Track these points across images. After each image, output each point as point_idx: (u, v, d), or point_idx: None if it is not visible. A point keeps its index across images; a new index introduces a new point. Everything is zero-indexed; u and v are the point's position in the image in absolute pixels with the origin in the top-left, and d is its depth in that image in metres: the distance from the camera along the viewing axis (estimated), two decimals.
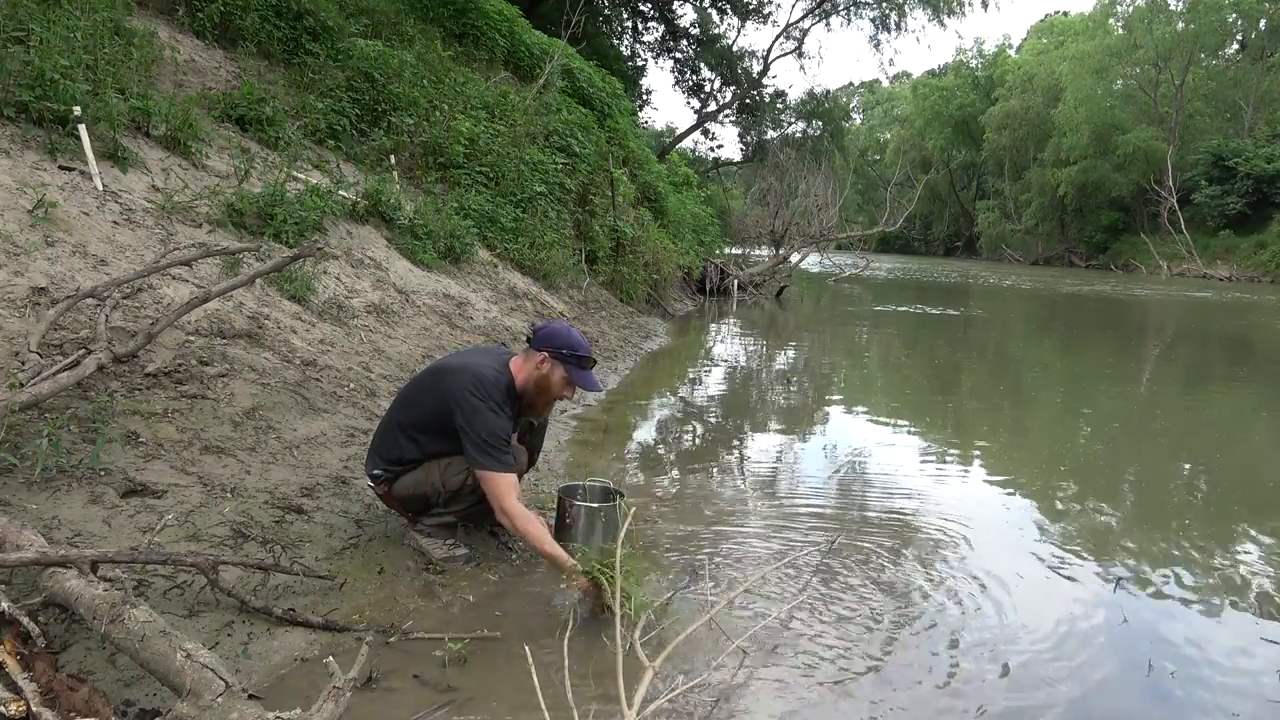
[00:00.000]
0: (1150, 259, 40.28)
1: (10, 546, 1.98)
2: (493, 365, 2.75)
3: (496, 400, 2.65)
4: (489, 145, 8.54)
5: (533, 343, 2.78)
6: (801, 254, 18.63)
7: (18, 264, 3.42)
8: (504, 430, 2.65)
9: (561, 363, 2.74)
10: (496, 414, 2.63)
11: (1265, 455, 5.59)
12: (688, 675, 2.20)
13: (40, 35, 4.57)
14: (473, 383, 2.63)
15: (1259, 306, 20.24)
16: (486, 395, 2.63)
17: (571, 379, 2.76)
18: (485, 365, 2.73)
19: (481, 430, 2.59)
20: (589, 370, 2.81)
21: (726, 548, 3.22)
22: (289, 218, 5.09)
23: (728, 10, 26.36)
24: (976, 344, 11.66)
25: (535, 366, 2.75)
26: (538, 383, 2.77)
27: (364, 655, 1.97)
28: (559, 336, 2.76)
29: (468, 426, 2.59)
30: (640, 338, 8.81)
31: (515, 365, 2.79)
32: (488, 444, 2.59)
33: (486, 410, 2.61)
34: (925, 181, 45.91)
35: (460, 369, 2.71)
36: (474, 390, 2.62)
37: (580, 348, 2.77)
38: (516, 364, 2.80)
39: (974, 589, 2.95)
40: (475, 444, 2.59)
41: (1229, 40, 46.27)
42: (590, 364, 2.81)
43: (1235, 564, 3.40)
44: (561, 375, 2.75)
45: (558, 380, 2.76)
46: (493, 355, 2.87)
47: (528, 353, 2.79)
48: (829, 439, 5.30)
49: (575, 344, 2.76)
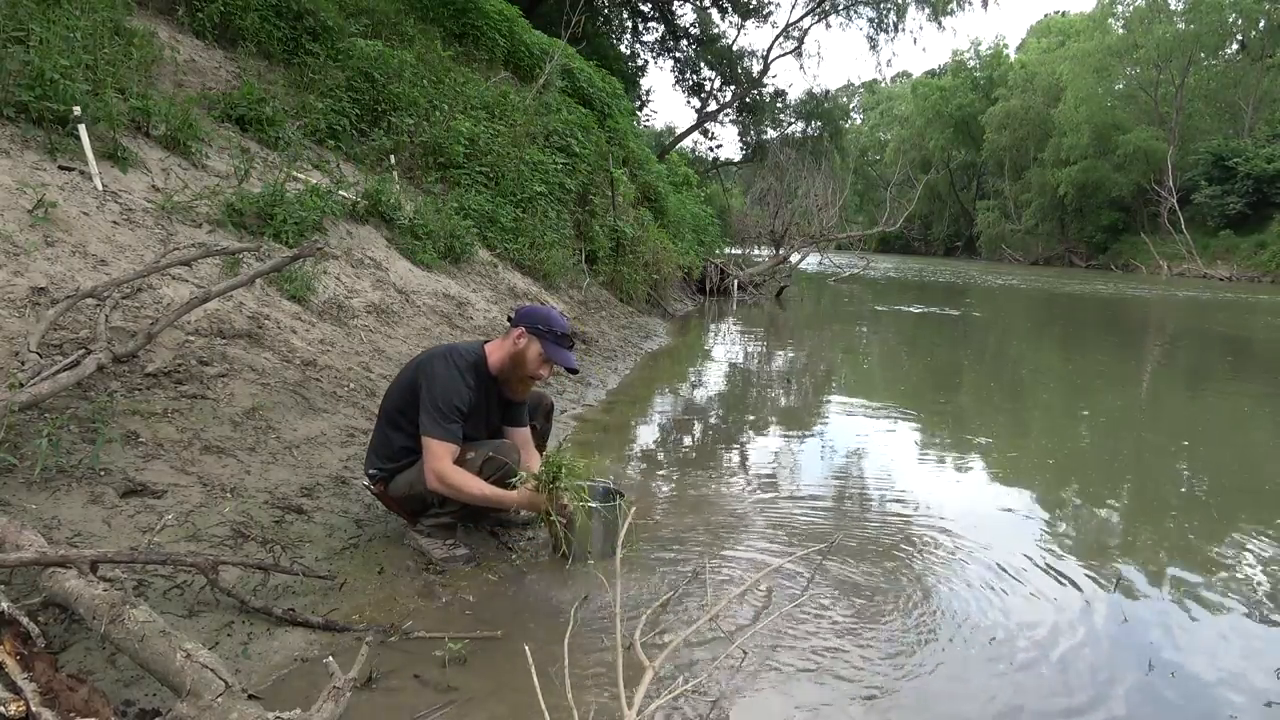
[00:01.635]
0: (1150, 259, 40.29)
1: (10, 546, 1.98)
2: (470, 343, 2.83)
3: (460, 368, 2.69)
4: (489, 145, 8.54)
5: (512, 321, 2.81)
6: (801, 254, 18.64)
7: (18, 264, 3.42)
8: (460, 398, 2.66)
9: (538, 337, 2.75)
10: (459, 380, 2.66)
11: (1265, 455, 5.59)
12: (688, 675, 2.20)
13: (40, 35, 4.57)
14: (442, 352, 2.74)
15: (1259, 306, 20.24)
16: (450, 362, 2.69)
17: (547, 354, 2.76)
18: (461, 342, 2.83)
19: (437, 396, 2.63)
20: (567, 349, 2.80)
21: (727, 547, 3.21)
22: (289, 218, 5.09)
23: (728, 10, 26.35)
24: (976, 344, 11.66)
25: (512, 342, 2.78)
26: (514, 358, 2.78)
27: (364, 655, 1.97)
28: (536, 313, 2.80)
29: (426, 393, 2.64)
30: (640, 338, 8.81)
31: (492, 346, 2.83)
32: (438, 409, 2.61)
33: (446, 376, 2.65)
34: (925, 181, 45.90)
35: (435, 348, 2.81)
36: (441, 357, 2.71)
37: (557, 324, 2.78)
38: (494, 345, 2.83)
39: (974, 589, 2.95)
40: (426, 408, 2.62)
41: (1229, 40, 46.27)
42: (567, 341, 2.81)
43: (1235, 564, 3.40)
44: (537, 350, 2.76)
45: (534, 356, 2.77)
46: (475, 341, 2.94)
47: (506, 333, 2.81)
48: (829, 439, 5.30)
49: (551, 320, 2.78)
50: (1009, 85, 56.13)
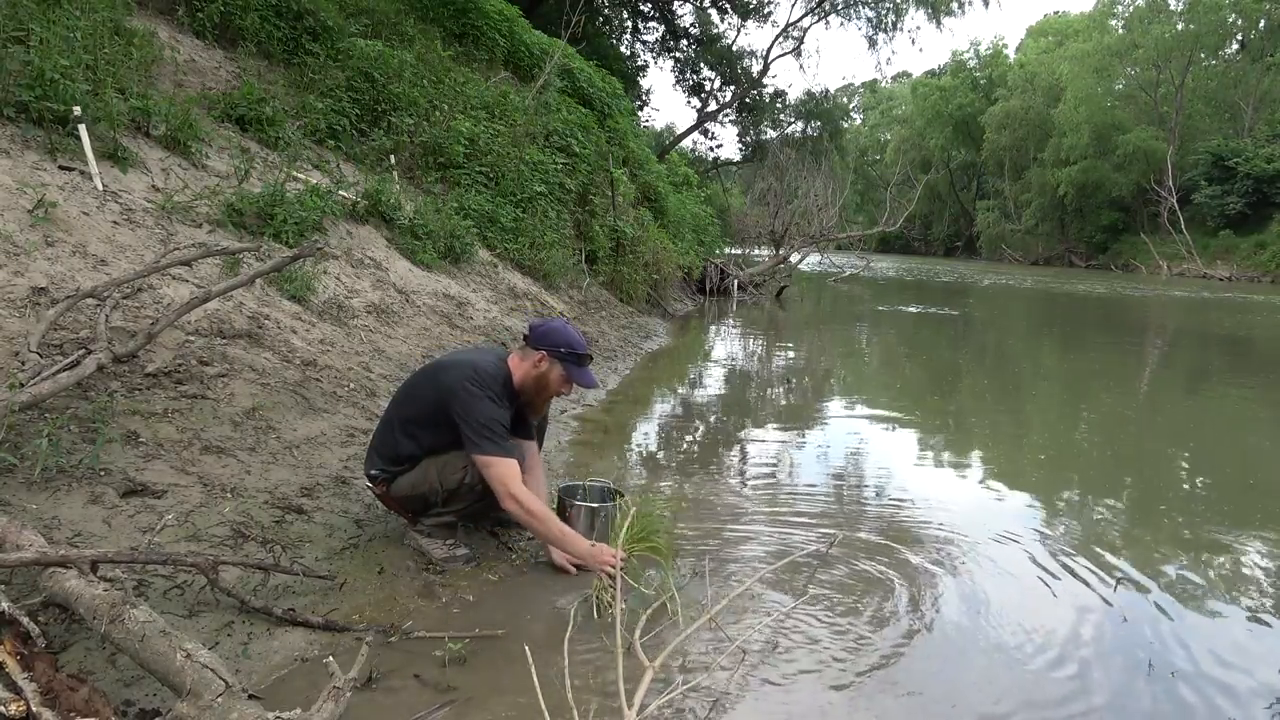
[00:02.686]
0: (1150, 259, 40.29)
1: (10, 546, 1.98)
2: (491, 360, 2.78)
3: (495, 391, 2.67)
4: (489, 145, 8.54)
5: (530, 341, 2.79)
6: (801, 254, 18.63)
7: (18, 264, 3.42)
8: (502, 418, 2.65)
9: (560, 361, 2.75)
10: (495, 403, 2.64)
11: (1265, 455, 5.59)
12: (688, 675, 2.20)
13: (40, 35, 4.57)
14: (471, 373, 2.66)
15: (1259, 306, 20.24)
16: (485, 385, 2.65)
17: (570, 377, 2.77)
18: (483, 359, 2.76)
19: (480, 416, 2.60)
20: (586, 367, 2.82)
21: (726, 547, 3.21)
22: (289, 218, 5.09)
23: (728, 9, 26.35)
24: (976, 344, 11.66)
25: (533, 365, 2.76)
26: (536, 380, 2.78)
27: (364, 655, 1.97)
28: (556, 334, 2.77)
29: (465, 414, 2.60)
30: (640, 338, 8.81)
31: (513, 362, 2.81)
32: (487, 429, 2.59)
33: (485, 399, 2.62)
34: (925, 181, 45.91)
35: (458, 363, 2.75)
36: (472, 380, 2.64)
37: (577, 345, 2.78)
38: (514, 361, 2.81)
39: (974, 589, 2.95)
40: (474, 430, 2.59)
41: (1229, 40, 46.29)
42: (587, 361, 2.82)
43: (1236, 564, 3.40)
44: (560, 373, 2.77)
45: (556, 378, 2.77)
46: (490, 352, 2.90)
47: (525, 351, 2.80)
48: (829, 439, 5.30)
49: (573, 341, 2.77)
50: (1009, 85, 56.14)
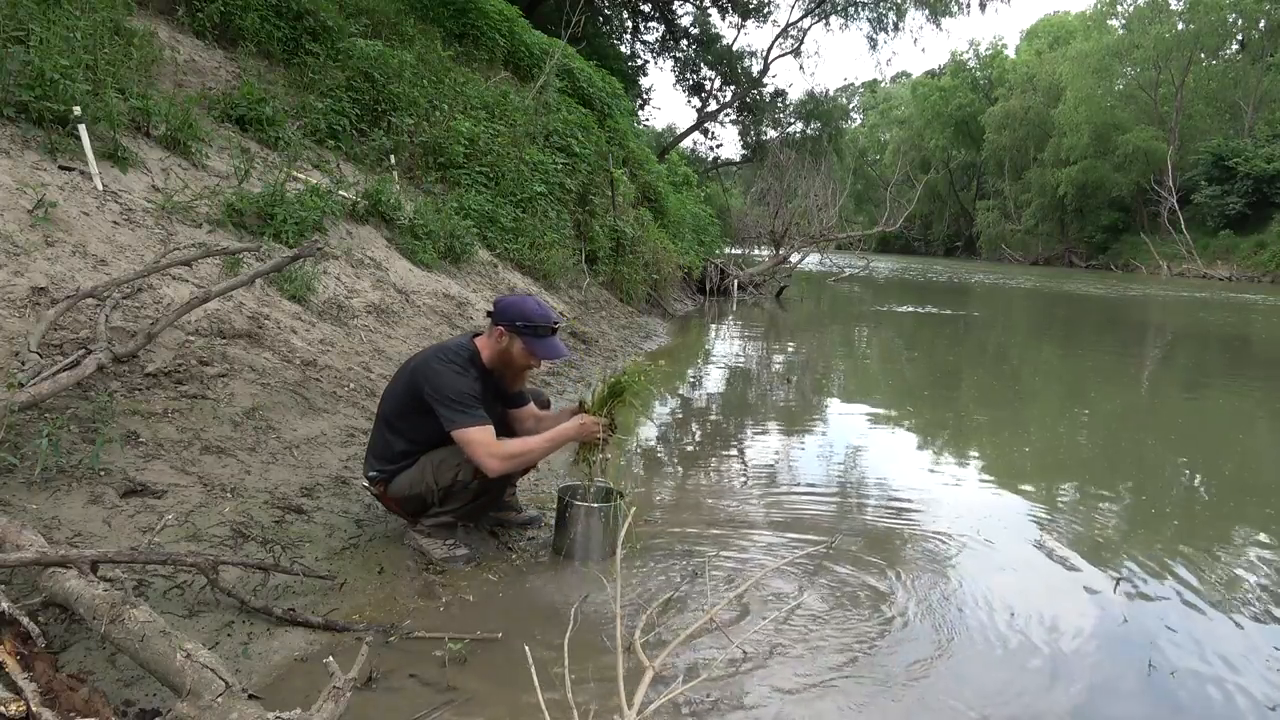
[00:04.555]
0: (1150, 259, 40.29)
1: (10, 546, 1.98)
2: (458, 339, 2.86)
3: (459, 364, 2.71)
4: (489, 145, 8.54)
5: (491, 317, 2.81)
6: (801, 254, 18.64)
7: (18, 264, 3.42)
8: (470, 388, 2.67)
9: (518, 334, 2.75)
10: (460, 374, 2.68)
11: (1265, 455, 5.59)
12: (687, 675, 2.20)
13: (40, 35, 4.57)
14: (435, 352, 2.76)
15: (1259, 306, 20.23)
16: (448, 360, 2.70)
17: (529, 349, 2.77)
18: (450, 340, 2.86)
19: (448, 391, 2.63)
20: (548, 338, 2.79)
21: (726, 548, 3.21)
22: (289, 218, 5.09)
23: (728, 9, 26.32)
24: (975, 344, 11.66)
25: (495, 340, 2.79)
26: (500, 356, 2.80)
27: (364, 655, 1.97)
28: (513, 308, 2.78)
29: (435, 392, 2.64)
30: (640, 338, 8.81)
31: (481, 342, 2.83)
32: (456, 402, 2.62)
33: (449, 372, 2.67)
34: (925, 181, 45.86)
35: (426, 349, 2.85)
36: (436, 357, 2.72)
37: (534, 317, 2.75)
38: (482, 340, 2.84)
39: (974, 589, 2.95)
40: (444, 404, 2.62)
41: (1229, 40, 46.28)
42: (547, 332, 2.78)
43: (1235, 564, 3.40)
44: (520, 347, 2.77)
45: (518, 352, 2.78)
46: (462, 334, 2.97)
47: (490, 329, 2.82)
48: (829, 439, 5.30)
49: (529, 314, 2.75)
50: (1009, 85, 56.13)
